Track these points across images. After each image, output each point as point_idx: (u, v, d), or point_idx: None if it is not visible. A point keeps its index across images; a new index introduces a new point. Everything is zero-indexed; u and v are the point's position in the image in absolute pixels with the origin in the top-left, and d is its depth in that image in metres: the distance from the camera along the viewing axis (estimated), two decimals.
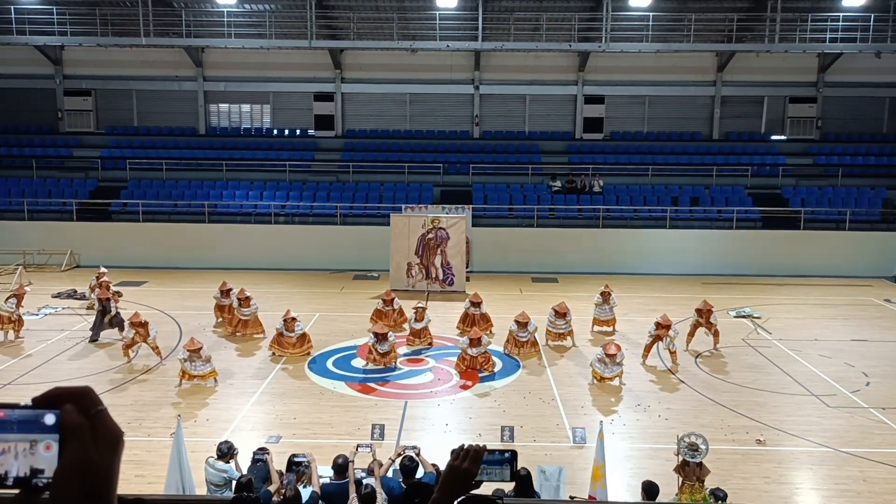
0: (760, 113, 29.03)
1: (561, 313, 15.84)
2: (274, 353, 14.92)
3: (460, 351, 14.46)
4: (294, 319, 14.93)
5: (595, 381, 13.47)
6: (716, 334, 15.56)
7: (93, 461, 1.04)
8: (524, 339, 15.21)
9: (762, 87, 28.50)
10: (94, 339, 15.77)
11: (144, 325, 14.45)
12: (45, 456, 1.04)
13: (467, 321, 16.49)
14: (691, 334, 15.61)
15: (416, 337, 15.88)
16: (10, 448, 1.04)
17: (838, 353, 15.59)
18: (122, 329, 15.60)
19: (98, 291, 16.77)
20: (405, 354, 15.26)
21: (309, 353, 15.00)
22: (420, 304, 16.29)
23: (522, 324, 15.16)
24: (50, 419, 1.05)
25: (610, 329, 16.86)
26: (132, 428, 11.21)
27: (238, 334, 16.19)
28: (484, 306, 16.68)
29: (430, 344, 15.87)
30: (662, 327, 14.49)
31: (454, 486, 1.71)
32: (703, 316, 15.49)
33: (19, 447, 1.04)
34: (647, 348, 14.73)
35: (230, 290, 17.36)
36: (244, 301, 16.21)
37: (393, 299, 17.26)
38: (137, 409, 12.08)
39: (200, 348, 13.11)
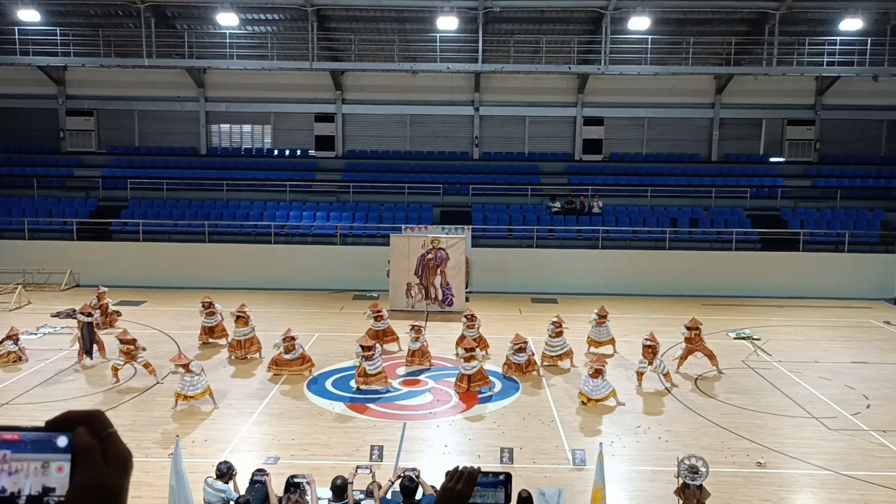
0: (759, 135, 29.20)
1: (556, 335, 15.78)
2: (274, 375, 14.85)
3: (459, 371, 14.40)
4: (293, 339, 14.87)
5: (583, 404, 13.40)
6: (711, 357, 15.45)
7: (104, 482, 1.09)
8: (520, 362, 15.12)
9: (760, 109, 28.69)
10: (87, 350, 15.63)
11: (132, 342, 14.38)
12: (57, 476, 1.08)
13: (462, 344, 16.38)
14: (683, 357, 15.53)
15: (415, 357, 15.82)
16: (24, 468, 1.08)
17: (838, 376, 15.55)
18: (82, 356, 15.48)
19: (90, 311, 16.69)
20: (403, 375, 15.21)
21: (310, 372, 14.95)
22: (417, 323, 16.20)
23: (519, 348, 15.09)
24: (62, 441, 1.09)
25: (607, 350, 16.75)
26: (129, 448, 11.12)
27: (236, 356, 16.05)
28: (479, 328, 16.63)
29: (431, 365, 15.81)
30: (649, 349, 14.48)
31: None
32: (693, 334, 15.42)
33: (32, 467, 1.08)
34: (640, 375, 14.63)
35: (211, 303, 17.24)
36: (240, 320, 16.09)
37: (381, 312, 17.13)
38: (135, 430, 12.02)
39: (189, 363, 13.05)
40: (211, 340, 17.17)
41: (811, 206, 26.23)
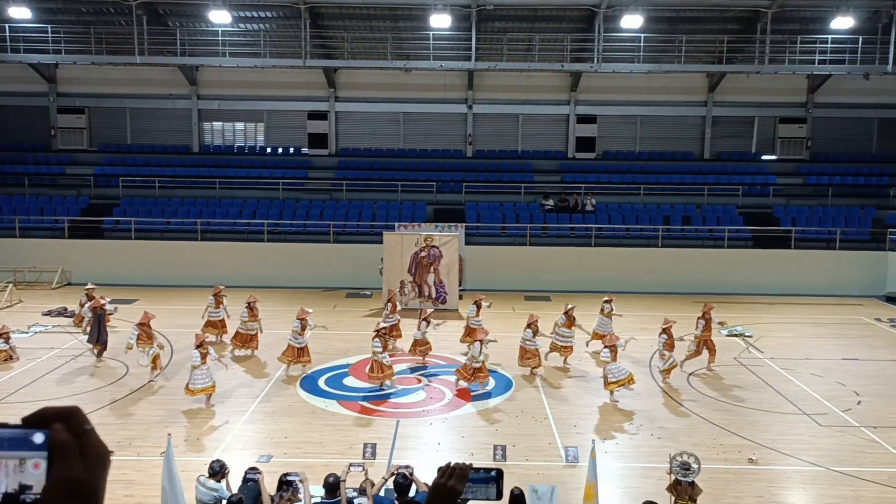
0: (751, 133, 29.30)
1: (569, 324, 15.82)
2: (289, 363, 14.92)
3: (465, 362, 14.28)
4: (305, 319, 14.89)
5: (618, 394, 13.42)
6: (711, 350, 15.57)
7: (81, 479, 1.07)
8: (534, 348, 15.05)
9: (752, 107, 28.78)
10: (100, 341, 15.60)
11: (148, 326, 14.54)
12: (33, 473, 1.07)
13: (472, 335, 16.34)
14: (696, 352, 15.57)
15: (417, 347, 15.82)
16: (0, 465, 1.06)
17: (829, 372, 15.63)
18: (103, 349, 15.56)
19: (89, 304, 16.65)
20: (400, 373, 15.20)
21: (304, 368, 15.02)
22: (430, 310, 16.37)
23: (535, 329, 14.95)
24: (39, 438, 1.07)
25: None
26: (121, 447, 11.12)
27: (239, 349, 16.10)
28: (483, 316, 16.81)
29: (425, 362, 15.80)
30: (669, 343, 14.52)
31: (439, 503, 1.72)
32: (706, 321, 15.52)
33: (9, 465, 1.07)
34: (669, 370, 14.68)
35: (223, 296, 17.22)
36: (251, 313, 16.06)
37: (393, 301, 17.48)
38: (127, 429, 12.00)
39: (203, 341, 13.24)
40: (210, 337, 17.09)
41: (803, 204, 26.34)
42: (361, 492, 7.96)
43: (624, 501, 9.80)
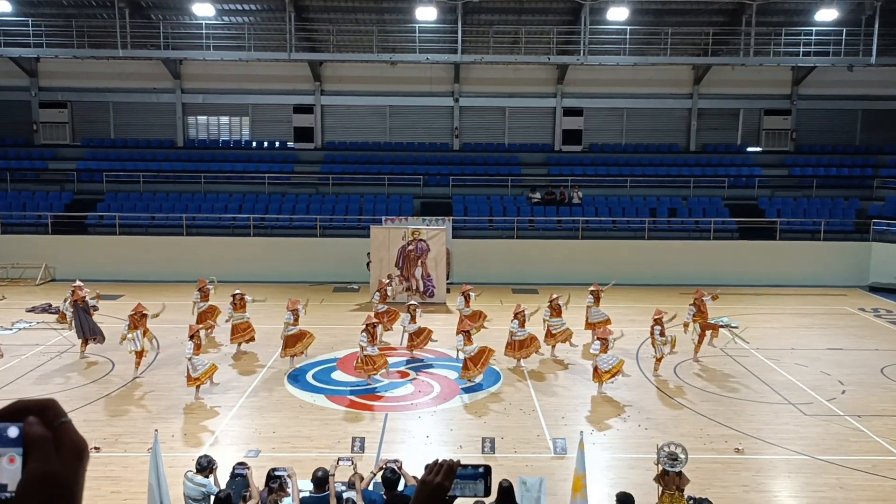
0: (736, 125, 29.43)
1: (556, 312, 15.86)
2: (292, 357, 15.01)
3: (464, 358, 14.24)
4: (297, 309, 14.96)
5: (607, 384, 13.47)
6: (701, 336, 15.70)
7: (57, 473, 1.04)
8: (522, 338, 15.09)
9: (738, 99, 28.90)
10: (93, 333, 15.51)
11: (143, 317, 14.48)
12: (8, 469, 1.03)
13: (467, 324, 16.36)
14: (701, 335, 15.70)
15: (417, 338, 15.81)
16: None
17: (814, 362, 15.76)
18: (98, 339, 15.54)
19: (70, 298, 16.48)
20: (394, 365, 15.17)
21: (292, 361, 15.00)
22: (412, 302, 16.36)
23: (520, 322, 15.01)
24: (13, 432, 1.04)
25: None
26: (108, 443, 11.05)
27: (241, 341, 16.08)
28: (472, 306, 17.04)
29: (412, 356, 15.79)
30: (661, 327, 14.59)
31: (427, 500, 1.71)
32: (698, 306, 15.64)
33: None
34: (661, 359, 14.79)
35: (207, 290, 17.20)
36: (239, 304, 16.06)
37: (383, 291, 17.59)
38: (113, 425, 11.92)
39: (197, 331, 13.25)
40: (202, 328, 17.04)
41: (788, 196, 26.51)
42: (350, 486, 7.95)
43: (612, 492, 9.81)
